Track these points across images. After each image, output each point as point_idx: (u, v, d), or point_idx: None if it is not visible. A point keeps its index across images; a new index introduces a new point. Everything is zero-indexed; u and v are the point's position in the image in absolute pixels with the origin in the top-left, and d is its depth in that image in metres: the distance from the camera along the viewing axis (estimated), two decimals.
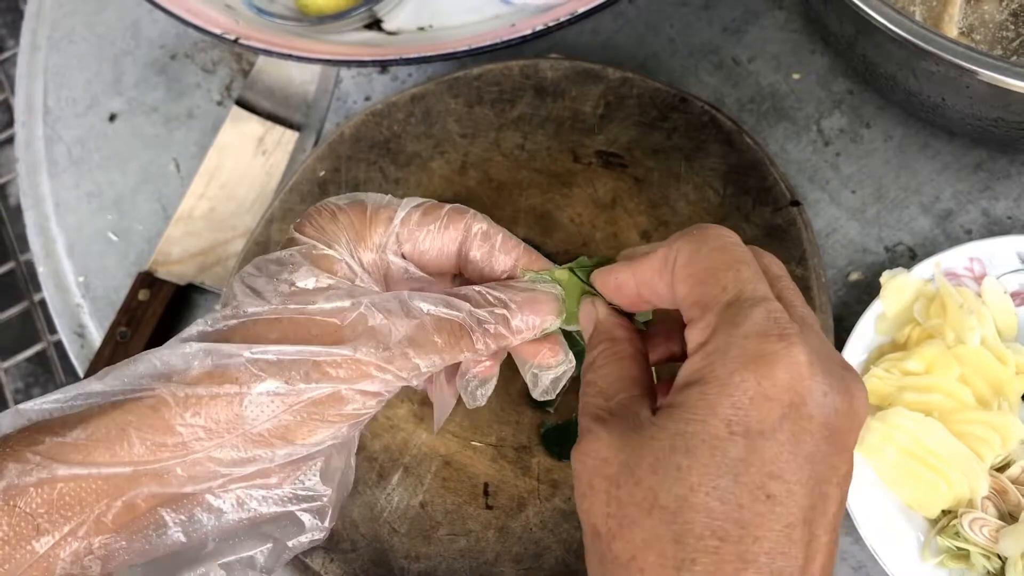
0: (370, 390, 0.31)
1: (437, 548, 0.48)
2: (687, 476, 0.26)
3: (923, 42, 0.43)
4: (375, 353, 0.31)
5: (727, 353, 0.27)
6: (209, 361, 0.31)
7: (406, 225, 0.35)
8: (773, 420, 0.26)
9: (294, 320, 0.31)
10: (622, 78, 0.55)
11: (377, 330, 0.32)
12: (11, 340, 1.52)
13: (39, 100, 0.67)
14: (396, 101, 0.57)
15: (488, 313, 0.33)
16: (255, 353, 0.31)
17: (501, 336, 0.34)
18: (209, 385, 0.30)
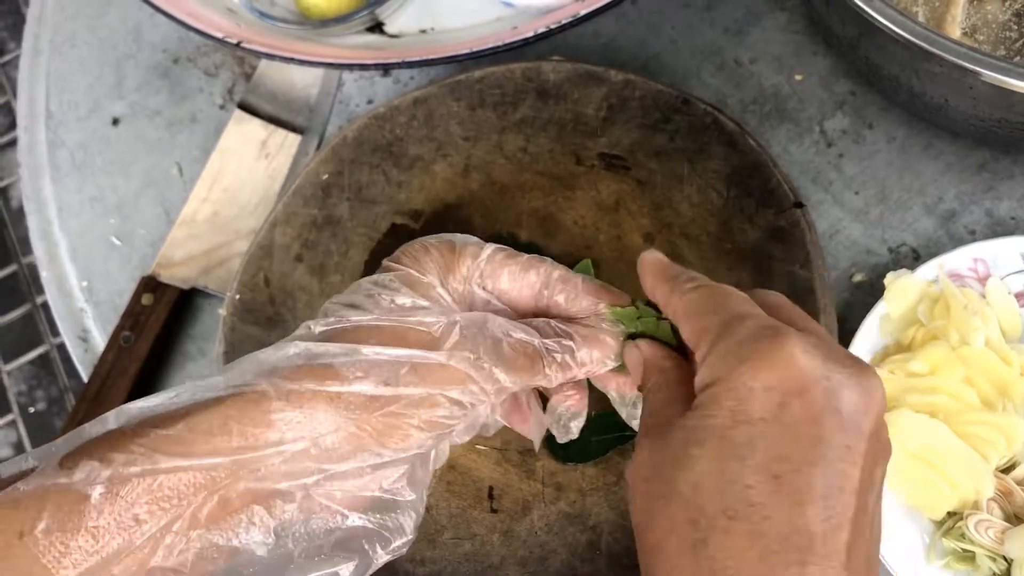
0: (458, 398, 0.33)
1: (442, 552, 0.48)
2: (698, 464, 0.29)
3: (926, 43, 0.43)
4: (466, 362, 0.34)
5: (726, 356, 0.30)
6: (311, 359, 0.32)
7: (490, 263, 0.38)
8: (774, 407, 0.28)
9: (393, 328, 0.34)
10: (624, 80, 0.55)
11: (467, 343, 0.34)
12: (13, 343, 1.52)
13: (41, 104, 0.68)
14: (398, 104, 0.57)
15: (556, 343, 0.36)
16: (357, 353, 0.32)
17: (567, 366, 0.36)
18: (310, 381, 0.32)
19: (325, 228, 0.55)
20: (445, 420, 0.33)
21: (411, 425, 0.33)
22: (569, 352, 0.36)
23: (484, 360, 0.34)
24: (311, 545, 0.33)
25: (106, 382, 0.57)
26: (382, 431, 0.32)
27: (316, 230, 0.55)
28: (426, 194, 0.55)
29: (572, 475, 0.48)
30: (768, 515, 0.27)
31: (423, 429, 0.33)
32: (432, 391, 0.33)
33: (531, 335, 0.36)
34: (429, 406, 0.33)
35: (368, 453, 0.32)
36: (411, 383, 0.33)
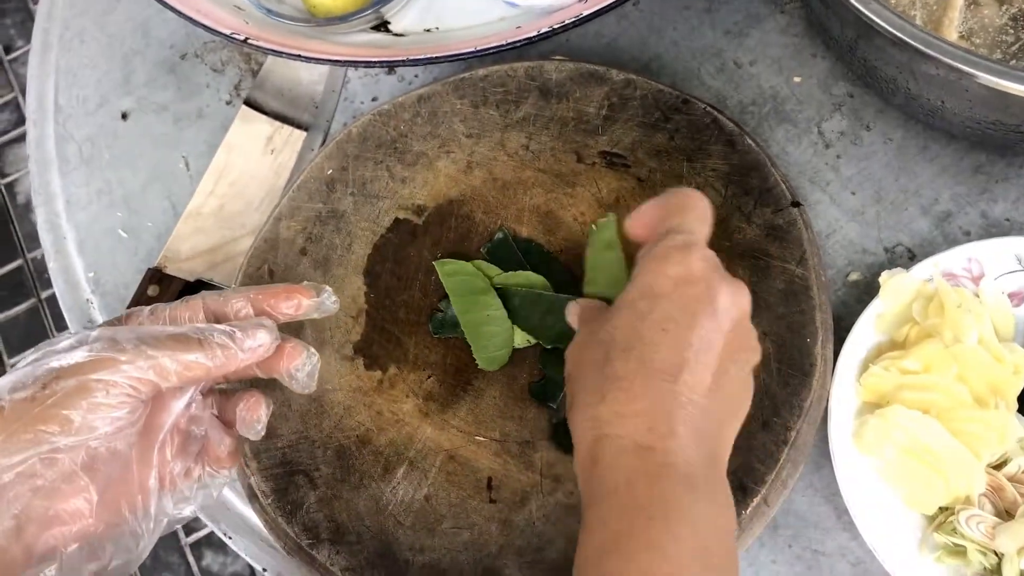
0: (111, 379, 0.36)
1: (441, 541, 0.49)
2: (615, 320, 0.40)
3: (923, 46, 0.44)
4: (110, 350, 0.36)
5: (648, 256, 0.41)
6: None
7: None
8: (669, 288, 0.39)
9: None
10: (626, 80, 0.55)
11: (111, 337, 0.37)
12: (18, 337, 1.53)
13: (50, 99, 0.68)
14: (403, 101, 0.58)
15: (209, 328, 0.39)
16: (16, 373, 0.36)
17: (228, 347, 0.39)
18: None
19: (329, 222, 0.56)
20: (107, 401, 0.36)
21: (73, 410, 0.35)
22: (228, 335, 0.39)
23: (132, 346, 0.37)
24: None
25: None
26: (46, 419, 0.35)
27: (320, 224, 0.56)
28: (429, 190, 0.56)
29: (570, 466, 0.49)
30: (656, 350, 0.38)
31: (87, 411, 0.35)
32: (83, 378, 0.36)
33: (184, 328, 0.39)
34: (85, 392, 0.36)
35: (39, 442, 0.35)
36: (64, 379, 0.36)
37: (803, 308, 0.50)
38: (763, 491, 0.47)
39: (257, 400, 0.41)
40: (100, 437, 0.36)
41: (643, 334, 0.39)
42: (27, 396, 0.35)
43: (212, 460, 0.41)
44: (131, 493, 0.38)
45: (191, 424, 0.41)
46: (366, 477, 0.51)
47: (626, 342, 0.39)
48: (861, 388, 0.49)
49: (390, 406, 0.52)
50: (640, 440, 0.37)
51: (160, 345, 0.37)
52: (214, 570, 1.38)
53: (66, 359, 0.36)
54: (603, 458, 0.38)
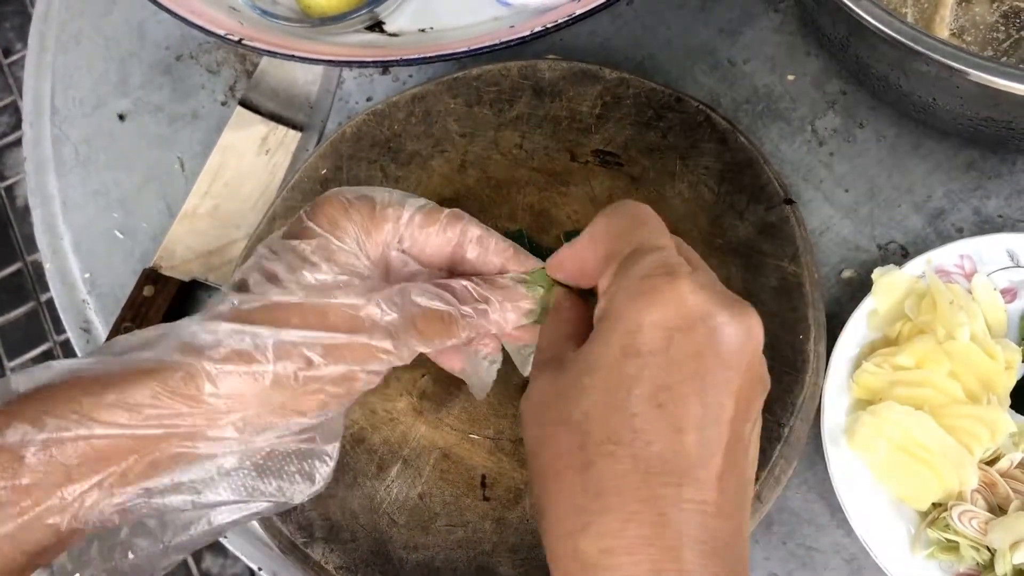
0: (376, 369, 0.36)
1: (435, 539, 0.49)
2: (590, 393, 0.30)
3: (914, 43, 0.44)
4: (385, 340, 0.36)
5: (620, 291, 0.31)
6: (239, 340, 0.34)
7: (409, 227, 0.39)
8: (659, 341, 0.30)
9: (315, 308, 0.35)
10: (619, 78, 0.56)
11: (386, 322, 0.36)
12: (18, 340, 1.53)
13: (47, 100, 0.69)
14: (397, 101, 0.58)
15: (472, 308, 0.38)
16: (282, 336, 0.34)
17: (481, 326, 0.38)
18: (238, 363, 0.34)
19: None
20: (363, 388, 0.36)
21: (330, 396, 0.35)
22: (484, 315, 0.38)
23: (402, 336, 0.36)
24: (236, 498, 0.36)
25: None
26: (303, 403, 0.35)
27: None
28: (423, 189, 0.56)
29: None
30: (650, 441, 0.29)
31: (342, 398, 0.35)
32: (354, 368, 0.35)
33: (448, 302, 0.37)
34: (348, 380, 0.35)
35: (288, 421, 0.35)
36: (331, 362, 0.35)
37: (796, 305, 0.50)
38: (756, 488, 0.47)
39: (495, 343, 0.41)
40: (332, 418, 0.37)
41: (632, 418, 0.29)
42: (291, 372, 0.34)
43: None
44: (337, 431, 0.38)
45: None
46: (360, 475, 0.51)
47: (610, 432, 0.30)
48: (854, 385, 0.49)
49: (384, 404, 0.52)
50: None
51: (427, 336, 0.36)
52: (214, 572, 1.38)
53: (342, 341, 0.35)
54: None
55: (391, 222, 0.38)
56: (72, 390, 0.33)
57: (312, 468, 0.37)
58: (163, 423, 0.33)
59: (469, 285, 0.38)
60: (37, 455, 0.31)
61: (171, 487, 0.34)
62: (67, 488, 0.32)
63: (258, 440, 0.35)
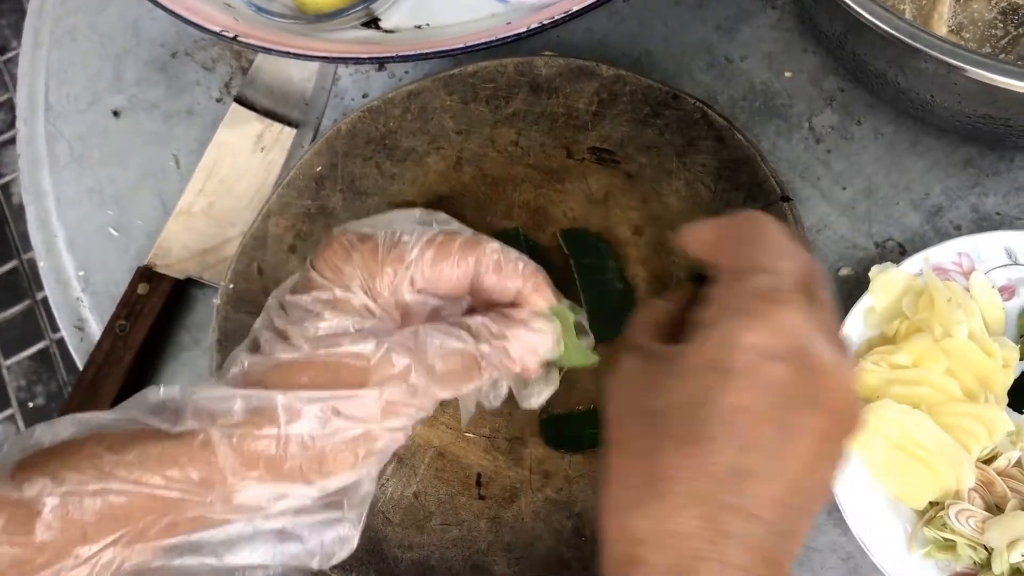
0: (397, 425, 0.34)
1: (430, 538, 0.49)
2: (673, 392, 0.31)
3: (912, 40, 0.44)
4: (400, 392, 0.34)
5: (727, 304, 0.32)
6: (248, 404, 0.33)
7: (419, 265, 0.37)
8: (748, 364, 0.30)
9: (324, 364, 0.34)
10: (615, 75, 0.55)
11: (400, 370, 0.34)
12: (14, 338, 1.53)
13: (41, 97, 0.68)
14: (392, 98, 0.58)
15: (490, 347, 0.37)
16: (291, 398, 0.33)
17: (503, 365, 0.37)
18: (250, 427, 0.33)
19: (318, 219, 0.56)
20: (385, 448, 0.34)
21: (353, 455, 0.34)
22: (504, 353, 0.37)
23: (420, 383, 0.35)
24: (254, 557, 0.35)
25: (101, 370, 0.57)
26: (323, 465, 0.34)
27: (309, 221, 0.56)
28: (418, 186, 0.56)
29: (559, 463, 0.49)
30: (715, 450, 0.30)
31: (364, 458, 0.34)
32: (371, 427, 0.34)
33: (466, 342, 0.36)
34: (368, 440, 0.34)
35: (310, 486, 0.34)
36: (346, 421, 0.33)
37: None
38: None
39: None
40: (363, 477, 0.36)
41: (703, 426, 0.30)
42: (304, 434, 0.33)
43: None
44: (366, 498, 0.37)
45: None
46: None
47: (683, 429, 0.30)
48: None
49: None
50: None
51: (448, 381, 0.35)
52: None
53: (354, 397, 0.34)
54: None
55: (397, 263, 0.37)
56: (95, 446, 0.32)
57: (336, 535, 0.36)
58: (181, 487, 0.32)
59: (485, 321, 0.37)
60: (54, 511, 0.31)
61: (190, 547, 0.33)
62: (82, 547, 0.31)
63: (279, 505, 0.34)
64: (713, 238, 0.35)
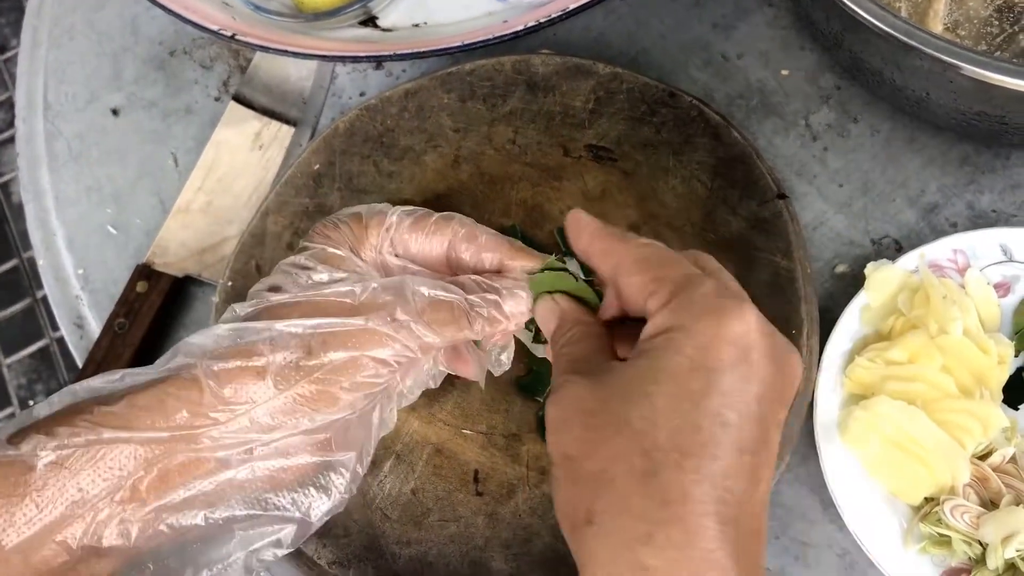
0: (381, 356, 0.35)
1: (428, 534, 0.49)
2: (654, 401, 0.30)
3: (907, 38, 0.44)
4: (385, 324, 0.35)
5: (690, 307, 0.31)
6: (237, 338, 0.34)
7: (398, 231, 0.40)
8: (729, 360, 0.30)
9: (312, 302, 0.36)
10: (612, 73, 0.55)
11: (385, 305, 0.36)
12: (14, 336, 1.53)
13: (39, 96, 0.68)
14: (390, 96, 0.58)
15: (480, 298, 0.38)
16: (276, 327, 0.34)
17: (495, 319, 0.38)
18: (237, 359, 0.34)
19: (316, 217, 0.56)
20: (372, 380, 0.35)
21: (339, 387, 0.34)
22: (495, 306, 0.37)
23: (403, 319, 0.35)
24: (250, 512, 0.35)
25: (100, 368, 0.57)
26: (310, 397, 0.34)
27: (307, 219, 0.56)
28: (416, 185, 0.56)
29: None
30: (716, 455, 0.29)
31: (351, 391, 0.35)
32: (355, 354, 0.34)
33: (453, 292, 0.37)
34: (354, 368, 0.35)
35: (299, 419, 0.34)
36: (333, 349, 0.34)
37: (788, 300, 0.50)
38: None
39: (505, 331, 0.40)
40: (355, 411, 0.36)
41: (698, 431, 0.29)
42: (292, 362, 0.34)
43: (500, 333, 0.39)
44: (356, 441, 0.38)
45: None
46: None
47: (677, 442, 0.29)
48: (847, 380, 0.49)
49: None
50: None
51: (434, 324, 0.36)
52: None
53: (339, 326, 0.34)
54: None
55: (378, 227, 0.40)
56: (87, 404, 0.33)
57: (328, 481, 0.36)
58: (169, 427, 0.33)
59: (476, 278, 0.39)
60: (47, 465, 0.31)
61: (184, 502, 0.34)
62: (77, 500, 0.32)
63: (266, 439, 0.34)
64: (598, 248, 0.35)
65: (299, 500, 0.36)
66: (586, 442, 0.31)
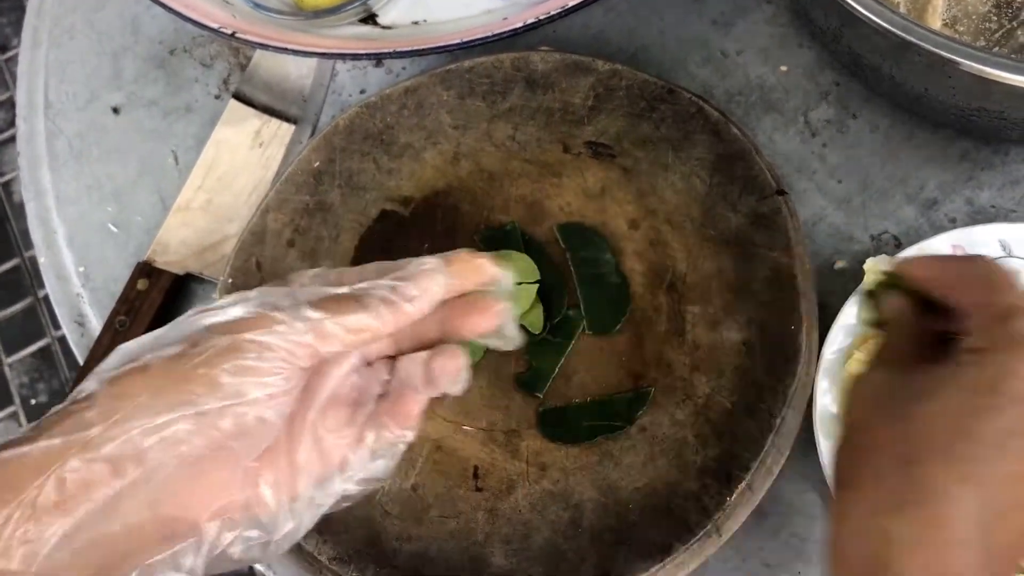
0: (263, 339, 0.33)
1: (428, 530, 0.49)
2: (939, 404, 0.32)
3: (906, 33, 0.44)
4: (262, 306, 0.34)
5: (1000, 337, 0.33)
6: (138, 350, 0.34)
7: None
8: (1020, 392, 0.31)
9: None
10: (611, 70, 0.56)
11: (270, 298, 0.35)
12: (16, 335, 1.53)
13: (40, 95, 0.69)
14: (389, 93, 0.58)
15: (372, 286, 0.36)
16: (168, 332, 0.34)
17: (390, 300, 0.35)
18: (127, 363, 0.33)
19: (316, 214, 0.56)
20: (257, 364, 0.33)
21: (220, 370, 0.32)
22: (390, 288, 0.35)
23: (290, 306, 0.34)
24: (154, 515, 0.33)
25: None
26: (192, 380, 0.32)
27: (308, 216, 0.56)
28: (416, 181, 0.56)
29: (556, 455, 0.49)
30: (988, 472, 0.30)
31: (235, 374, 0.33)
32: (236, 336, 0.33)
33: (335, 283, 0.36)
34: (236, 351, 0.33)
35: (184, 404, 0.32)
36: (217, 335, 0.33)
37: (788, 296, 0.50)
38: (747, 477, 0.47)
39: (454, 349, 0.37)
40: (249, 403, 0.33)
41: (973, 445, 0.31)
42: (175, 353, 0.32)
43: (398, 419, 0.37)
44: (277, 469, 0.35)
45: (356, 393, 0.37)
46: None
47: (946, 446, 0.31)
48: (846, 375, 0.49)
49: None
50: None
51: (320, 306, 0.34)
52: None
53: (220, 316, 0.33)
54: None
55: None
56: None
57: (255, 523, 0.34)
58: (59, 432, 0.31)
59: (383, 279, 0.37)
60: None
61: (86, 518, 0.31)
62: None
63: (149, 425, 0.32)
64: (943, 274, 0.37)
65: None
66: (870, 420, 0.34)
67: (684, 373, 0.50)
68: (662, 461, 0.48)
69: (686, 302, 0.51)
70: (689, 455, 0.48)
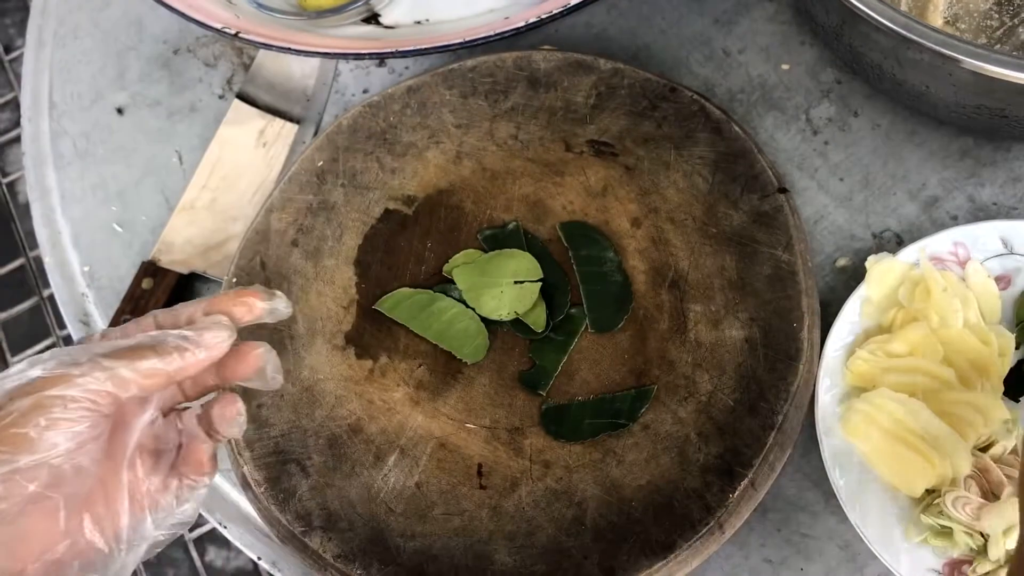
0: (65, 393, 0.35)
1: (432, 527, 0.49)
2: None
3: (907, 31, 0.44)
4: (65, 367, 0.35)
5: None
6: None
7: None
8: None
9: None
10: (613, 69, 0.56)
11: (65, 356, 0.36)
12: (21, 335, 1.54)
13: (45, 95, 0.69)
14: (392, 93, 0.58)
15: (163, 335, 0.38)
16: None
17: (183, 348, 0.37)
18: None
19: (320, 213, 0.57)
20: (63, 416, 0.35)
21: (32, 428, 0.34)
22: (181, 336, 0.37)
23: (87, 359, 0.35)
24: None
25: None
26: (4, 441, 0.34)
27: (311, 215, 0.57)
28: (419, 180, 0.57)
29: (559, 452, 0.50)
30: None
31: (49, 428, 0.34)
32: (38, 396, 0.34)
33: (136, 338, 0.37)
34: (40, 408, 0.34)
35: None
36: (18, 398, 0.34)
37: (789, 293, 0.50)
38: (750, 475, 0.47)
39: (231, 396, 0.40)
40: (62, 454, 0.35)
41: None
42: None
43: (192, 467, 0.39)
44: (98, 513, 0.37)
45: (158, 443, 0.40)
46: (358, 465, 0.51)
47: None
48: (848, 372, 0.49)
49: (381, 395, 0.52)
50: None
51: (114, 356, 0.36)
52: (217, 565, 1.38)
53: (18, 380, 0.35)
54: None
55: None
56: None
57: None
58: None
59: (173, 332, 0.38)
60: None
61: None
62: None
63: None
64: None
65: None
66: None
67: (686, 371, 0.50)
68: (665, 458, 0.49)
69: (688, 300, 0.51)
70: (692, 452, 0.48)
